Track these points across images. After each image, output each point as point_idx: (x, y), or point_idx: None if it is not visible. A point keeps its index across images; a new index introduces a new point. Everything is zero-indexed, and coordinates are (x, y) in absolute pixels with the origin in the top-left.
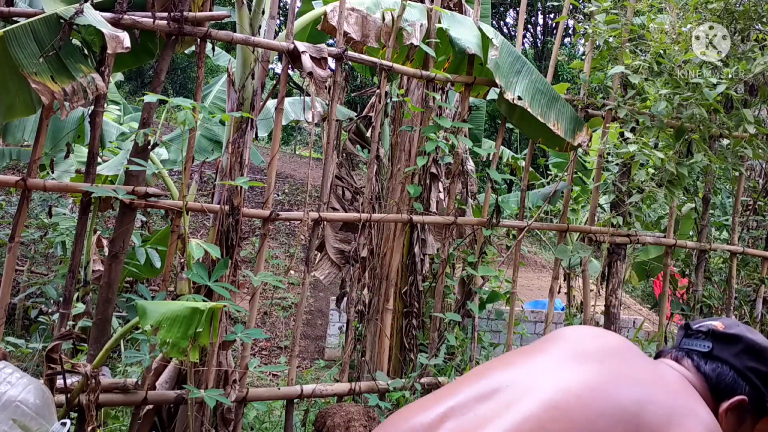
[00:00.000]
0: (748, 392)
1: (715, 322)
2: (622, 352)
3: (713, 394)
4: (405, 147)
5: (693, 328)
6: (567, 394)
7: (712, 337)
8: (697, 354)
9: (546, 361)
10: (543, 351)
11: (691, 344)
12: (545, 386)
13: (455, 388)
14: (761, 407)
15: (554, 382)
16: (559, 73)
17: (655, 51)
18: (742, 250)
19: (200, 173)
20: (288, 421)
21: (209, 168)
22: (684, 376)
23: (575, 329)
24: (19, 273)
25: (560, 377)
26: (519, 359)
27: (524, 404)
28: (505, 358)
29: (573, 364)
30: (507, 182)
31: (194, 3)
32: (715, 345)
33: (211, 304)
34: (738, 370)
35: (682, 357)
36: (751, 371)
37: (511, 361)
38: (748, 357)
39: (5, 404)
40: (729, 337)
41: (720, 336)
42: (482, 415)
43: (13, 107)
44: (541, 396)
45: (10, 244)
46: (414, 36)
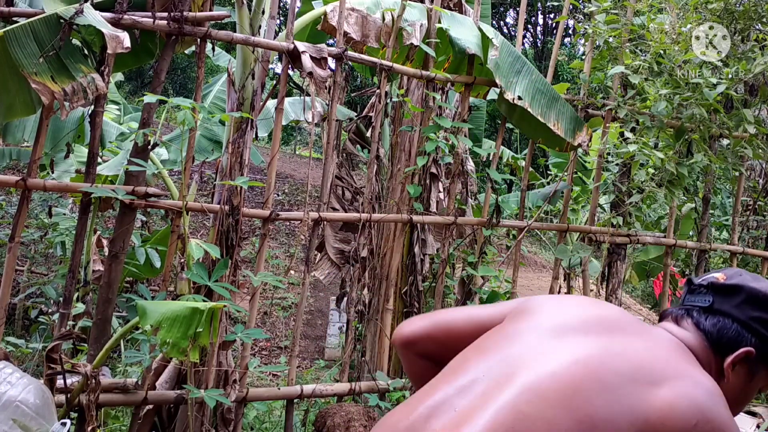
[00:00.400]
0: (754, 343)
1: (717, 273)
2: (611, 321)
3: (716, 350)
4: (405, 147)
5: (695, 283)
6: (541, 375)
7: (712, 291)
8: (698, 310)
9: (523, 344)
10: (517, 332)
11: (693, 300)
12: (520, 369)
13: (435, 386)
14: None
15: (532, 365)
16: (559, 73)
17: (655, 51)
18: (742, 250)
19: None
20: (288, 421)
21: (209, 168)
22: (680, 338)
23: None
24: (19, 273)
25: (536, 357)
26: (493, 344)
27: (501, 392)
28: (480, 345)
29: (551, 341)
30: (507, 182)
31: (194, 3)
32: (715, 298)
33: (211, 304)
34: (741, 322)
35: (682, 316)
36: (756, 321)
37: (486, 346)
38: (751, 307)
39: (5, 404)
40: (729, 288)
41: (720, 288)
42: (462, 410)
43: (13, 107)
44: (517, 380)
45: (10, 244)
46: (414, 36)
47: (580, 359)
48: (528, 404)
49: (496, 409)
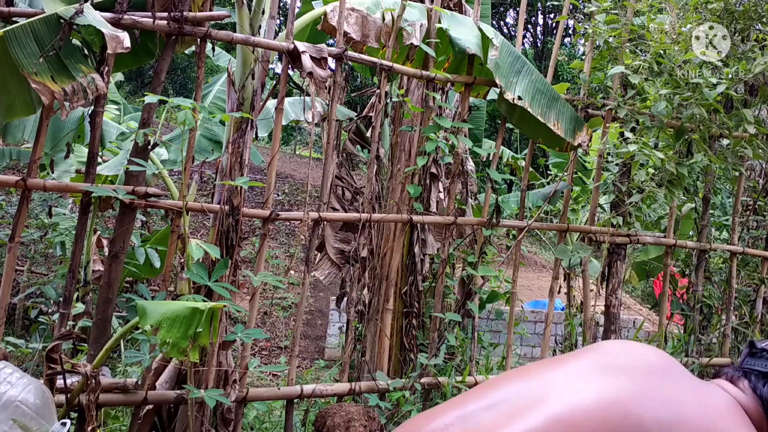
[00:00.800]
0: None
1: None
2: (662, 369)
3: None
4: (405, 147)
5: (758, 347)
6: (576, 408)
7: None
8: (756, 374)
9: (565, 373)
10: (566, 362)
11: (753, 364)
12: (555, 398)
13: (467, 397)
14: None
15: (566, 395)
16: (559, 73)
17: (655, 51)
18: (742, 250)
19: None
20: (288, 421)
21: (209, 168)
22: (735, 398)
23: (615, 342)
24: (19, 273)
25: (574, 390)
26: (537, 370)
27: (528, 416)
28: (523, 369)
29: (594, 378)
30: (507, 182)
31: (194, 3)
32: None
33: (211, 304)
34: None
35: (738, 377)
36: None
37: (529, 371)
38: None
39: (5, 404)
40: None
41: None
42: (484, 424)
43: (13, 107)
44: (548, 408)
45: (10, 244)
46: (414, 36)
47: (621, 399)
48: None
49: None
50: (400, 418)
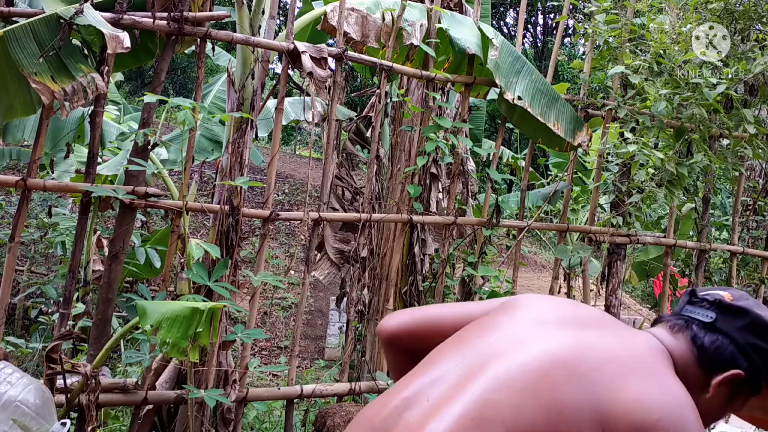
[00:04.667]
0: (746, 368)
1: (723, 292)
2: (588, 318)
3: (704, 366)
4: (405, 147)
5: (698, 296)
6: (510, 364)
7: (717, 308)
8: (698, 324)
9: (496, 334)
10: (493, 325)
11: (694, 312)
12: (492, 359)
13: (411, 377)
14: (755, 385)
15: (500, 354)
16: (559, 73)
17: (655, 51)
18: (742, 250)
19: (200, 173)
20: (288, 421)
21: (209, 168)
22: (666, 345)
23: (535, 298)
24: (19, 273)
25: (508, 348)
26: (468, 336)
27: (472, 382)
28: (456, 337)
29: (524, 333)
30: (507, 182)
31: (194, 3)
32: (719, 316)
33: (211, 304)
34: (739, 345)
35: (680, 327)
36: (753, 348)
37: (462, 338)
38: (751, 332)
39: (5, 404)
40: (735, 310)
41: (726, 307)
42: (434, 400)
43: (13, 107)
44: (488, 370)
45: (10, 244)
46: (414, 36)
47: (550, 349)
48: (495, 392)
49: (466, 398)
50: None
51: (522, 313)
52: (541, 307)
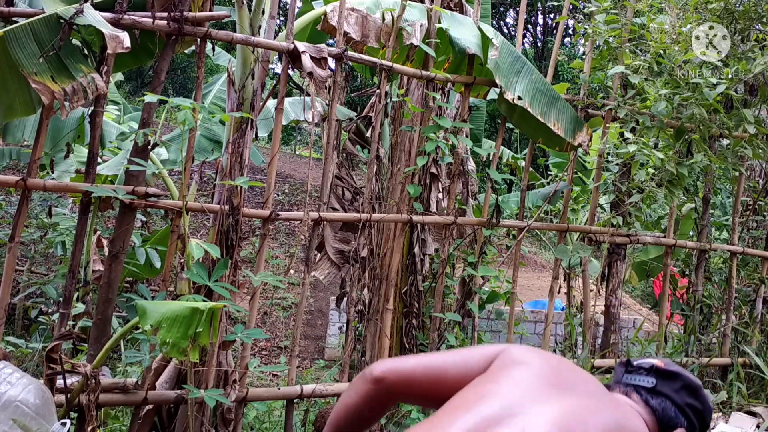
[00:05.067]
0: (685, 426)
1: (653, 360)
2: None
3: (660, 428)
4: (405, 147)
5: (634, 365)
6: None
7: (654, 374)
8: (644, 389)
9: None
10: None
11: (635, 380)
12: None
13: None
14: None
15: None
16: (559, 73)
17: (655, 51)
18: (742, 250)
19: (200, 173)
20: (288, 421)
21: (209, 168)
22: (637, 410)
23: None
24: (19, 273)
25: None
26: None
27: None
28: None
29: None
30: (507, 182)
31: (194, 3)
32: (658, 381)
33: (211, 304)
34: (678, 406)
35: (630, 392)
36: (689, 407)
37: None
38: (686, 394)
39: (5, 404)
40: (670, 374)
41: (662, 373)
42: None
43: (13, 107)
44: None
45: (10, 244)
46: (414, 36)
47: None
48: None
49: None
50: (399, 418)
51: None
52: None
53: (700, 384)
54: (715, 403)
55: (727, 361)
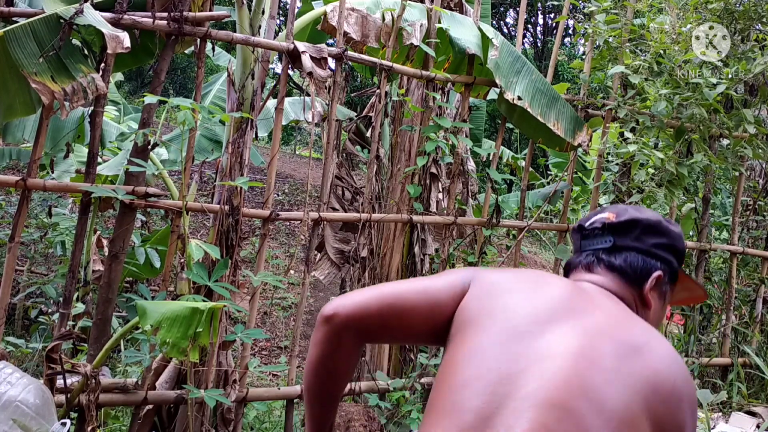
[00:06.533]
0: (660, 267)
1: (604, 214)
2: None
3: (633, 283)
4: (405, 147)
5: (588, 228)
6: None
7: (609, 231)
8: (604, 251)
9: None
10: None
11: (593, 244)
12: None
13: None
14: (674, 274)
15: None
16: (559, 73)
17: (655, 51)
18: (742, 250)
19: (200, 173)
20: (288, 421)
21: (209, 168)
22: (604, 287)
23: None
24: (19, 273)
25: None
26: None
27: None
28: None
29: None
30: (507, 182)
31: (194, 3)
32: (615, 238)
33: (211, 304)
34: (644, 251)
35: (592, 263)
36: (656, 247)
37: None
38: (647, 236)
39: (5, 404)
40: (625, 224)
41: (616, 227)
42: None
43: (13, 107)
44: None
45: (10, 244)
46: (414, 36)
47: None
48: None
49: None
50: (400, 418)
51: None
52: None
53: (658, 218)
54: (715, 403)
55: (727, 361)
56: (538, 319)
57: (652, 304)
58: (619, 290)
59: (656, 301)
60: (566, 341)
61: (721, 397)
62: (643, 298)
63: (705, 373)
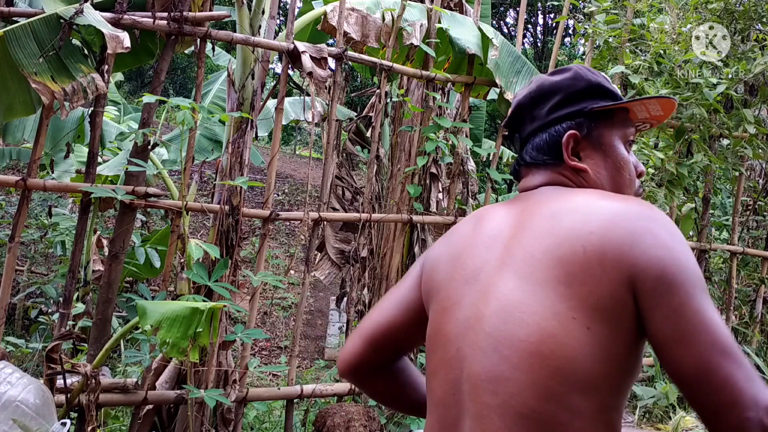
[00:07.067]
0: (567, 127)
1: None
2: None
3: (553, 164)
4: (405, 147)
5: (506, 134)
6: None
7: (509, 130)
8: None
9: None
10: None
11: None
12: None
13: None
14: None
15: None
16: None
17: (655, 51)
18: (742, 250)
19: (200, 173)
20: (288, 421)
21: (209, 168)
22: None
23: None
24: (19, 273)
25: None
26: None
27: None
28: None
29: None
30: (507, 182)
31: (194, 3)
32: (514, 133)
33: (211, 304)
34: (544, 125)
35: (517, 170)
36: (550, 112)
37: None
38: (537, 109)
39: (5, 404)
40: (514, 117)
41: (510, 123)
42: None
43: (13, 107)
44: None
45: (10, 244)
46: (414, 36)
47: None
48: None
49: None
50: (400, 418)
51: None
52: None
53: (542, 79)
54: None
55: None
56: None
57: (585, 165)
58: (546, 179)
59: (591, 158)
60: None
61: None
62: (572, 168)
63: None
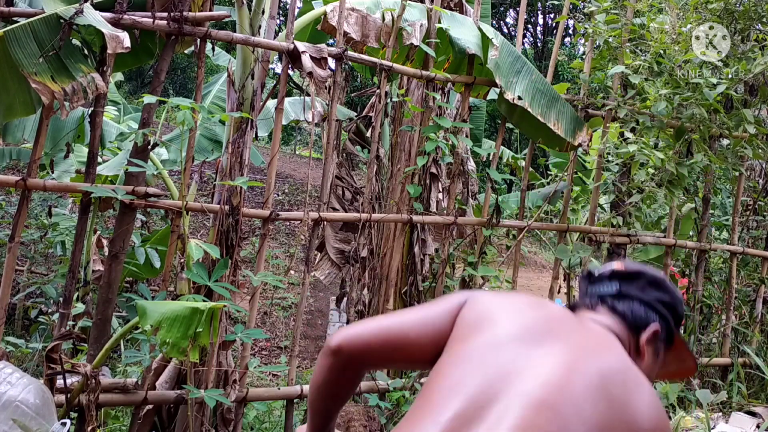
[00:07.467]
0: (659, 321)
1: (613, 264)
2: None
3: (631, 330)
4: (405, 147)
5: (596, 275)
6: (550, 388)
7: (617, 278)
8: (609, 296)
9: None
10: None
11: (600, 290)
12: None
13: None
14: (669, 335)
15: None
16: (559, 73)
17: (655, 51)
18: (742, 250)
19: (200, 173)
20: (288, 421)
21: (209, 168)
22: (606, 326)
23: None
24: (19, 273)
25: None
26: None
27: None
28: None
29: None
30: (507, 182)
31: (194, 3)
32: (621, 284)
33: (211, 304)
34: (646, 303)
35: (596, 304)
36: (658, 301)
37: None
38: (652, 289)
39: (5, 404)
40: (632, 274)
41: (624, 275)
42: None
43: (13, 107)
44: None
45: (10, 244)
46: (414, 36)
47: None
48: (550, 423)
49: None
50: (400, 418)
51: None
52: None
53: (663, 277)
54: (715, 404)
55: (727, 361)
56: (528, 334)
57: (645, 356)
58: (618, 331)
59: (650, 356)
60: (555, 355)
61: (721, 397)
62: (639, 347)
63: (705, 373)
